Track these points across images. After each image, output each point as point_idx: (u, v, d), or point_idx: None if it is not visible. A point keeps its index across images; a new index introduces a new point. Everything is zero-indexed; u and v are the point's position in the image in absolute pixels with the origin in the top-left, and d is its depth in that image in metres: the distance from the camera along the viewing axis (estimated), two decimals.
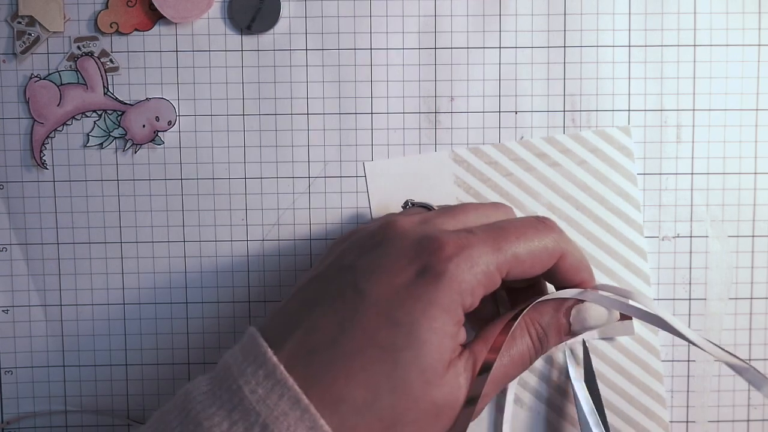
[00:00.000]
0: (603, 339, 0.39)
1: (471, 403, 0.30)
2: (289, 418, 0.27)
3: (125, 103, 0.39)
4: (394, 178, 0.39)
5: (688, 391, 0.40)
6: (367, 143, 0.39)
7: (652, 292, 0.39)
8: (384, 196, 0.39)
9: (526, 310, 0.32)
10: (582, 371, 0.39)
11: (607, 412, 0.39)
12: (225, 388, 0.29)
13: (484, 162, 0.39)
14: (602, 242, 0.39)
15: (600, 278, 0.39)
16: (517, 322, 0.32)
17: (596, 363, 0.39)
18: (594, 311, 0.33)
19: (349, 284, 0.30)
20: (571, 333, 0.33)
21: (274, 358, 0.28)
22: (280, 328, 0.30)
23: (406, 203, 0.37)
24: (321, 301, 0.30)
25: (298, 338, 0.29)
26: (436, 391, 0.29)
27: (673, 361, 0.40)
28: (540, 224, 0.32)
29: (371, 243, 0.31)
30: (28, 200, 0.40)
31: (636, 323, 0.39)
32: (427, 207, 0.35)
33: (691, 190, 0.39)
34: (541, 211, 0.39)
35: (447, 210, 0.33)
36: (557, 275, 0.33)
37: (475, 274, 0.30)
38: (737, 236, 0.40)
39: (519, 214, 0.39)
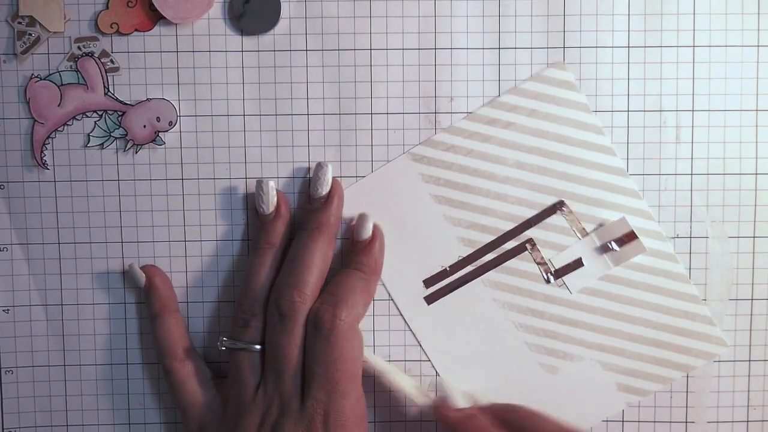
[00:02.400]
0: (620, 266, 0.39)
1: None
2: None
3: (126, 104, 0.39)
4: (365, 199, 0.40)
5: (687, 392, 0.40)
6: (367, 143, 0.40)
7: (645, 206, 0.39)
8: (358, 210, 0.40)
9: None
10: None
11: (653, 331, 0.40)
12: None
13: (441, 150, 0.39)
14: (580, 177, 0.39)
15: (595, 212, 0.39)
16: None
17: (623, 290, 0.39)
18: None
19: None
20: None
21: None
22: None
23: None
24: None
25: None
26: None
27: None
28: (333, 332, 0.35)
29: None
30: (29, 200, 0.40)
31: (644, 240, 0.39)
32: (246, 346, 0.37)
33: (691, 190, 0.39)
34: (513, 173, 0.39)
35: (282, 375, 0.36)
36: None
37: (350, 426, 0.35)
38: (738, 237, 0.39)
39: (495, 184, 0.39)
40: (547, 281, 0.40)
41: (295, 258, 0.37)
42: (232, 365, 0.38)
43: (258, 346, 0.37)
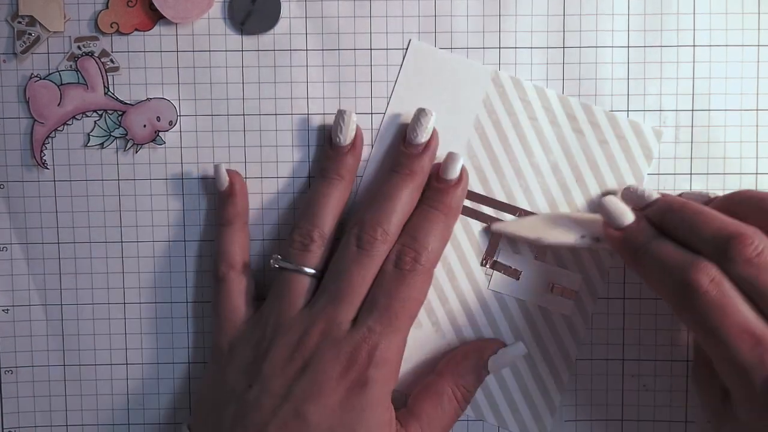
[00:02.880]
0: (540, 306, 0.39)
1: None
2: None
3: (126, 103, 0.39)
4: (430, 67, 0.39)
5: (686, 391, 0.40)
6: (368, 143, 0.40)
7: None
8: (412, 81, 0.39)
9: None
10: None
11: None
12: None
13: (518, 95, 0.39)
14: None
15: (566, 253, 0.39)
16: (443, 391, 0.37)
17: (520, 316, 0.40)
18: (508, 353, 0.38)
19: (288, 412, 0.34)
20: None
21: None
22: None
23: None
24: (265, 427, 0.34)
25: None
26: None
27: (672, 361, 0.40)
28: (401, 274, 0.36)
29: (292, 367, 0.35)
30: (29, 200, 0.40)
31: None
32: (300, 269, 0.37)
33: (690, 191, 0.39)
34: (545, 168, 0.39)
35: (338, 301, 0.36)
36: None
37: (391, 364, 0.35)
38: None
39: (525, 161, 0.39)
40: (483, 263, 0.40)
41: (384, 196, 0.37)
42: (279, 286, 0.37)
43: (312, 271, 0.37)
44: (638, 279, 0.40)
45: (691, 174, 0.39)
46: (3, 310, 0.40)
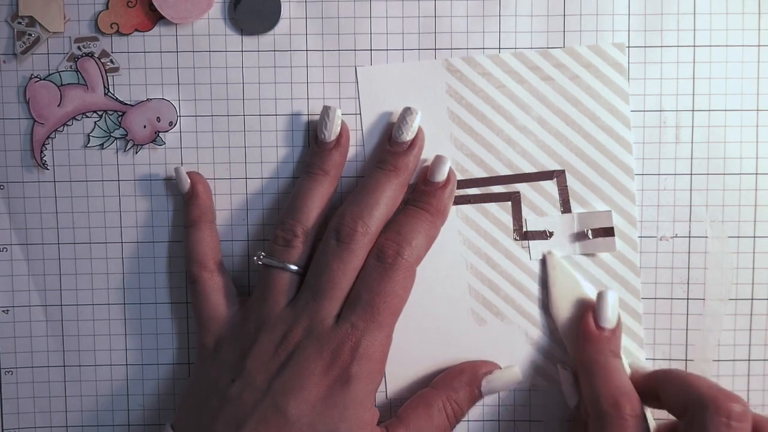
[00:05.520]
0: (585, 255, 0.40)
1: None
2: None
3: (126, 104, 0.39)
4: (386, 85, 0.39)
5: None
6: (360, 144, 0.40)
7: (636, 212, 0.39)
8: (375, 103, 0.39)
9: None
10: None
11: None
12: None
13: (477, 72, 0.39)
14: (590, 159, 0.39)
15: (587, 196, 0.39)
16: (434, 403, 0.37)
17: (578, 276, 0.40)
18: (503, 377, 0.39)
19: (268, 406, 0.34)
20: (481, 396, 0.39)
21: None
22: None
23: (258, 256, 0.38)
24: (243, 424, 0.34)
25: None
26: None
27: (670, 359, 0.40)
28: (384, 268, 0.35)
29: (275, 362, 0.35)
30: (29, 200, 0.40)
31: (618, 242, 0.39)
32: (284, 265, 0.37)
33: (690, 190, 0.39)
34: (531, 125, 0.39)
35: (321, 297, 0.35)
36: None
37: (375, 361, 0.35)
38: (738, 237, 0.39)
39: (510, 128, 0.39)
40: (515, 238, 0.40)
41: (365, 191, 0.37)
42: (263, 283, 0.37)
43: (295, 267, 0.37)
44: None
45: (691, 174, 0.39)
46: (3, 311, 0.40)
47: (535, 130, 0.39)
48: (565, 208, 0.39)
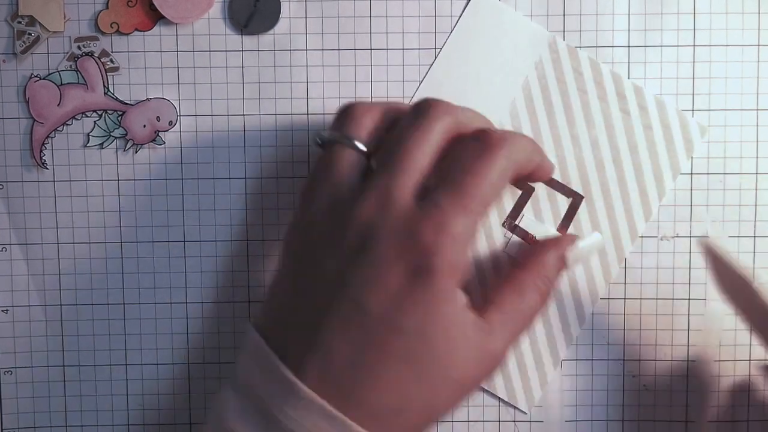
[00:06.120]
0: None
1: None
2: None
3: (126, 103, 0.39)
4: (489, 19, 0.38)
5: (687, 391, 0.40)
6: None
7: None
8: (471, 30, 0.39)
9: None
10: None
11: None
12: (260, 414, 0.30)
13: (572, 66, 0.39)
14: (611, 204, 0.39)
15: (586, 228, 0.39)
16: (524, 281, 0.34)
17: None
18: (588, 243, 0.37)
19: (345, 299, 0.30)
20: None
21: (305, 389, 0.29)
22: (291, 346, 0.31)
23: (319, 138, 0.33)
24: (322, 318, 0.30)
25: (317, 364, 0.30)
26: (461, 373, 0.30)
27: (671, 360, 0.40)
28: (484, 148, 0.31)
29: (350, 248, 0.30)
30: (28, 200, 0.40)
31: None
32: (349, 140, 0.32)
33: (690, 190, 0.39)
34: (584, 141, 0.39)
35: (395, 170, 0.31)
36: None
37: (459, 249, 0.30)
38: (738, 237, 0.39)
39: (565, 130, 0.39)
40: (503, 225, 0.39)
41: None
42: (322, 162, 0.32)
43: (363, 147, 0.32)
44: (638, 279, 0.39)
45: (691, 174, 0.39)
46: (2, 311, 0.40)
47: (584, 146, 0.39)
48: (561, 228, 0.39)
